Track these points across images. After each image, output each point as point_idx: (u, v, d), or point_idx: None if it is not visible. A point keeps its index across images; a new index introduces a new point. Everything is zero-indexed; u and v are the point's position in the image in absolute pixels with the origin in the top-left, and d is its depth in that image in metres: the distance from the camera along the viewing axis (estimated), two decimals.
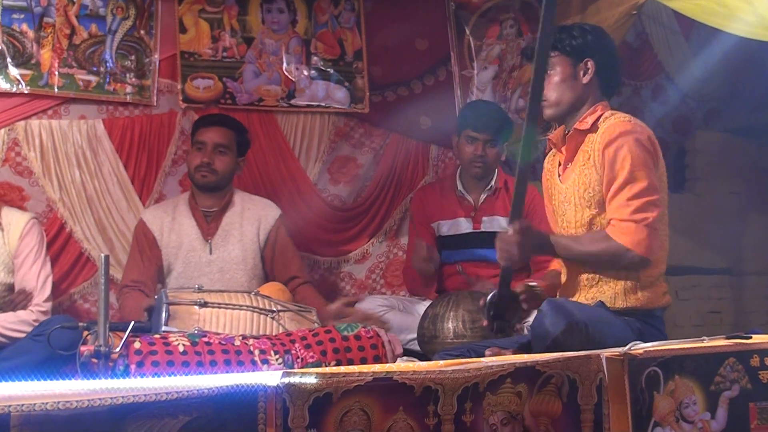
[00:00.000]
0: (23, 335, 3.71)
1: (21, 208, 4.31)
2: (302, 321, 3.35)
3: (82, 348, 2.97)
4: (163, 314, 3.14)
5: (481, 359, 2.68)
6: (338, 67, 5.07)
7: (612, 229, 3.10)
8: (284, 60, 4.99)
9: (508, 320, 3.24)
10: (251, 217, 4.29)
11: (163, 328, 3.11)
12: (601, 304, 3.15)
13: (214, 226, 4.25)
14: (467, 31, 5.30)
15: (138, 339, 2.86)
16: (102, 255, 2.74)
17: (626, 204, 3.08)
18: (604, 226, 3.15)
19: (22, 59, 4.48)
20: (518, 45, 5.28)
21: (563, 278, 3.38)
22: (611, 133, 3.14)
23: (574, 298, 3.25)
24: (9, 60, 4.45)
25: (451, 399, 2.46)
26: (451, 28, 5.30)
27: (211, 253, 4.20)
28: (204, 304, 3.24)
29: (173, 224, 4.23)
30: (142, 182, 4.68)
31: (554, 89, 3.26)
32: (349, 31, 5.11)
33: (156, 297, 3.41)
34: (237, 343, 2.99)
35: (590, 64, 3.25)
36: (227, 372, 2.81)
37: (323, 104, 5.04)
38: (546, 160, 3.51)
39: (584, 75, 3.26)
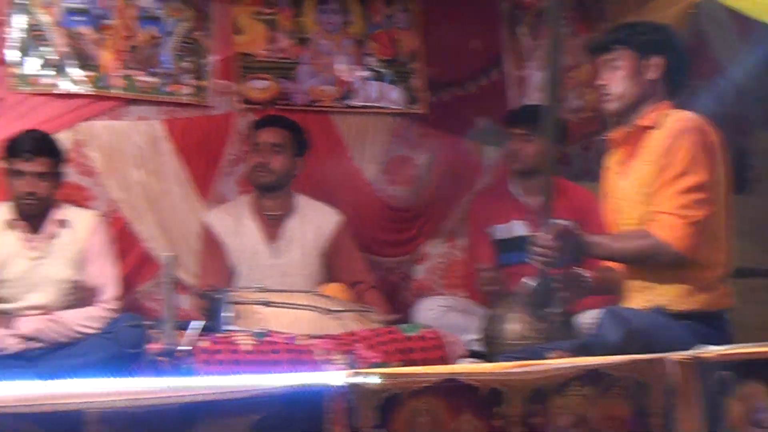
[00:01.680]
0: (93, 332, 3.78)
1: (86, 207, 4.36)
2: (364, 321, 3.37)
3: (150, 346, 3.02)
4: (228, 314, 3.17)
5: (547, 361, 2.68)
6: (393, 67, 5.07)
7: (654, 223, 3.07)
8: (339, 61, 5.00)
9: (550, 309, 3.24)
10: (312, 223, 4.31)
11: (228, 327, 3.13)
12: (659, 309, 3.12)
13: (277, 230, 4.28)
14: (522, 31, 5.28)
15: (204, 338, 2.89)
16: (166, 254, 2.78)
17: (674, 197, 3.05)
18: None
19: (83, 61, 4.53)
20: (574, 45, 5.24)
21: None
22: (673, 127, 3.13)
23: (630, 303, 3.23)
24: (71, 62, 4.50)
25: (518, 401, 2.45)
26: (505, 28, 5.28)
27: (273, 257, 4.23)
28: (267, 304, 3.26)
29: (237, 227, 4.28)
30: (201, 183, 4.71)
31: (619, 83, 3.24)
32: (403, 32, 5.11)
33: (219, 297, 3.44)
34: (300, 342, 3.02)
35: (657, 61, 3.23)
36: (291, 371, 2.83)
37: (378, 105, 5.04)
38: (606, 159, 3.49)
39: (650, 72, 3.24)
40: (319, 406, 2.34)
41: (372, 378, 2.34)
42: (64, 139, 4.35)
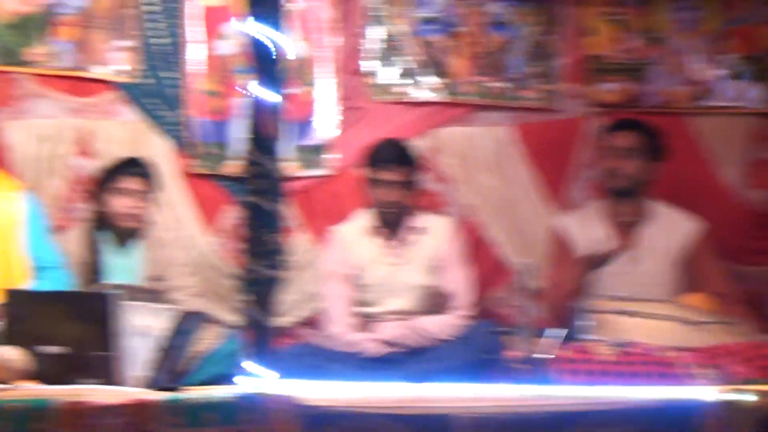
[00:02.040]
0: (450, 338, 3.85)
1: (441, 213, 4.46)
2: (730, 334, 3.19)
3: (507, 353, 3.03)
4: (586, 322, 3.12)
5: None
6: (753, 64, 4.80)
7: None
8: (692, 59, 4.81)
9: None
10: (669, 231, 4.14)
11: (587, 336, 3.09)
12: None
13: (631, 237, 4.16)
14: None
15: (564, 346, 2.87)
16: (522, 261, 2.77)
17: None
18: None
19: (436, 69, 4.67)
20: None
21: None
22: None
23: None
24: (425, 70, 4.65)
25: None
26: None
27: (627, 265, 4.10)
28: (626, 313, 3.19)
29: (589, 233, 4.19)
30: (551, 188, 4.72)
31: None
32: (764, 26, 4.82)
33: (576, 305, 3.40)
34: (661, 354, 2.92)
35: None
36: (651, 384, 2.74)
37: (737, 105, 4.79)
38: None
39: None
40: (689, 422, 2.24)
41: (748, 395, 2.21)
42: (419, 146, 4.48)
